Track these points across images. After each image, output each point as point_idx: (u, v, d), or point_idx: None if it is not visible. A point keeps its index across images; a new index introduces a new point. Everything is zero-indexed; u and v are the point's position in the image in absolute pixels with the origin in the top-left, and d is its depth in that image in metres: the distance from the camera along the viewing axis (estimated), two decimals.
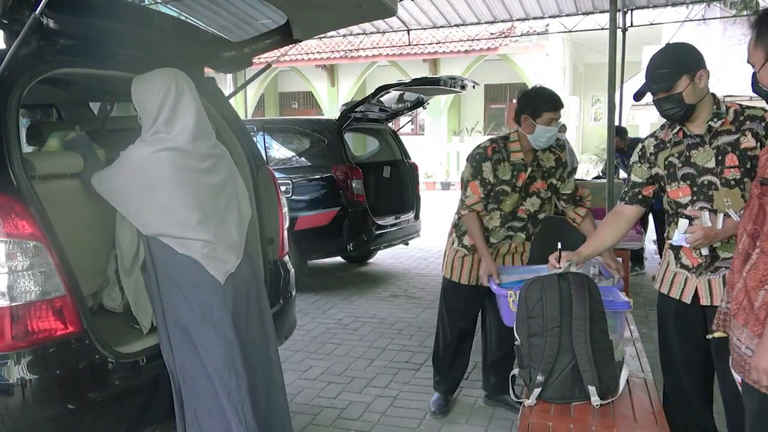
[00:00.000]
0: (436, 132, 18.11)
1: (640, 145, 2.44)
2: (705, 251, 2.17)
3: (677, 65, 2.16)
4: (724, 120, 2.19)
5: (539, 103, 2.86)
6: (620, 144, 6.38)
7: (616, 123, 6.48)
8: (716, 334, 1.85)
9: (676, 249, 2.31)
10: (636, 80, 10.36)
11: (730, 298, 1.71)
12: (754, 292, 1.58)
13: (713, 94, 2.22)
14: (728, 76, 9.51)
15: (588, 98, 19.65)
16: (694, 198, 2.23)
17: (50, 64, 2.26)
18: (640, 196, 2.41)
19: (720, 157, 2.17)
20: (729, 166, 2.15)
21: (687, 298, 2.26)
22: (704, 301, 2.22)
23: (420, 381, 3.73)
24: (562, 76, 16.59)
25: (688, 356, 2.34)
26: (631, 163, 2.46)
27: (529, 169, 2.99)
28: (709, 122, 2.19)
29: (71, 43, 2.34)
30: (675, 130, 2.29)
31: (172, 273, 2.26)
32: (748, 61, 1.79)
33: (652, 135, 2.42)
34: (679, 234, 2.19)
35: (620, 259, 3.17)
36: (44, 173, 2.34)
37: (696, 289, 2.24)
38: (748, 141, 2.14)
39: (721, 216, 2.14)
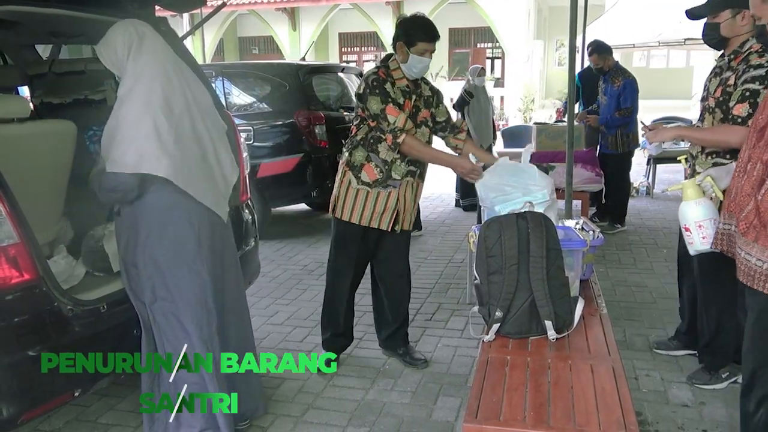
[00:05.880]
0: None
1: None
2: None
3: None
4: (736, 57, 2.47)
5: (415, 32, 2.78)
6: (599, 62, 5.61)
7: (578, 68, 6.35)
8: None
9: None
10: (599, 24, 10.22)
11: (732, 220, 1.96)
12: (766, 213, 1.79)
13: (755, 34, 2.32)
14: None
15: (552, 42, 19.58)
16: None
17: None
18: None
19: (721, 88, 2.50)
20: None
21: None
22: None
23: None
24: (526, 20, 16.45)
25: None
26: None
27: (413, 97, 2.87)
28: (728, 56, 2.51)
29: None
30: (719, 55, 2.63)
31: (148, 211, 2.19)
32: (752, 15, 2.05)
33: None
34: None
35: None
36: None
37: None
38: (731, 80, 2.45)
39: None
